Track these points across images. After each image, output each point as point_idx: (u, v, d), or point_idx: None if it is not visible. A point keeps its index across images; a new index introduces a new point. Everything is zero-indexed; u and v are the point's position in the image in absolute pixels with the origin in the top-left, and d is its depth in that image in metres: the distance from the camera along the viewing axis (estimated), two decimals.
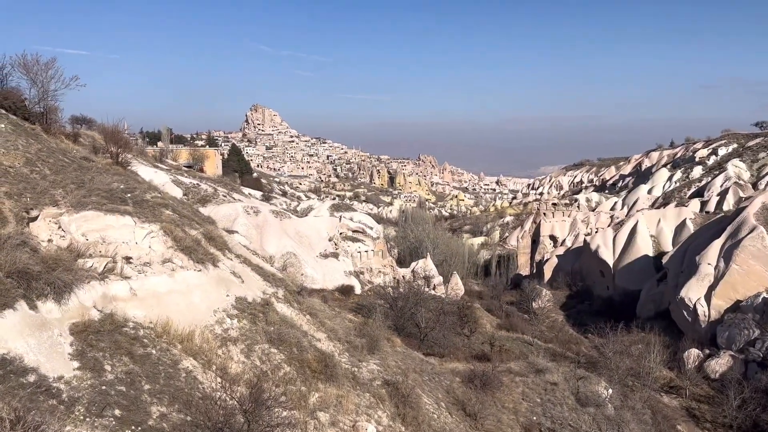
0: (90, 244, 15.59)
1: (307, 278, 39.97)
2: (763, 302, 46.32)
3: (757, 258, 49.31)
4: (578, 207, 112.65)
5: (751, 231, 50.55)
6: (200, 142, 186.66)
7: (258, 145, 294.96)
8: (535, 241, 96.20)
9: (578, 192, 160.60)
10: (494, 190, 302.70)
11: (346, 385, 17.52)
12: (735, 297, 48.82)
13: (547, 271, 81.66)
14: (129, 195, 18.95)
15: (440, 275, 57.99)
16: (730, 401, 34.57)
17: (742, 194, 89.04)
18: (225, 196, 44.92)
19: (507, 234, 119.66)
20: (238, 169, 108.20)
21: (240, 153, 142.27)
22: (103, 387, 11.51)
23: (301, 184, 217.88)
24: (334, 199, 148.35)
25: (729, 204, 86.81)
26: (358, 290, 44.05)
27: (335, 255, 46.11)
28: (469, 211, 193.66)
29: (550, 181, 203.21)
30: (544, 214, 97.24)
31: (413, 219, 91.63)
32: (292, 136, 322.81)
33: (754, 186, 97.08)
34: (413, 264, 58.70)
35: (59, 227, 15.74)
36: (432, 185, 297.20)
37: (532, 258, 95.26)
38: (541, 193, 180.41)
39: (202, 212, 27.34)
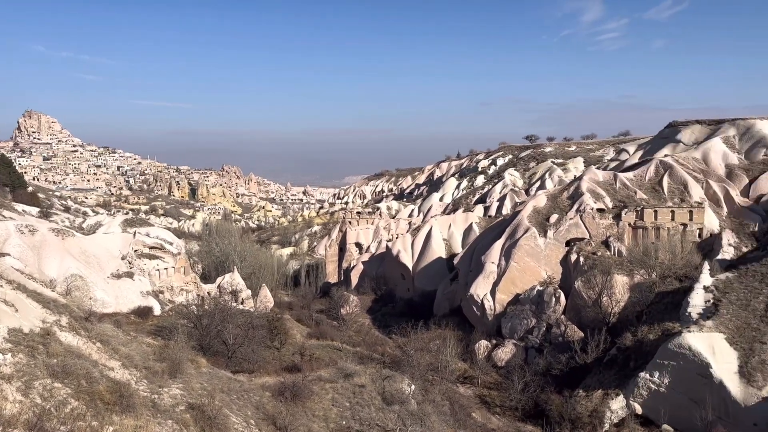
0: None
1: (97, 302, 36.64)
2: (538, 294, 53.01)
3: (531, 255, 56.30)
4: (380, 215, 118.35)
5: (525, 232, 57.57)
6: None
7: (34, 156, 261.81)
8: (342, 249, 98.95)
9: (380, 200, 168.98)
10: (301, 200, 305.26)
11: (145, 415, 16.43)
12: (515, 291, 55.17)
13: (354, 278, 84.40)
14: None
15: (249, 288, 56.70)
16: (515, 386, 38.93)
17: (517, 199, 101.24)
18: None
19: (315, 243, 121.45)
20: (8, 182, 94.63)
21: (11, 164, 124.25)
22: None
23: (87, 198, 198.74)
24: (127, 213, 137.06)
25: (507, 208, 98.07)
26: (157, 311, 41.35)
27: (130, 274, 42.73)
28: (277, 222, 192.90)
29: (354, 190, 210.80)
30: (350, 222, 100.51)
31: (218, 232, 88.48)
32: (75, 146, 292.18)
33: (527, 192, 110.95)
34: (219, 279, 56.64)
35: None
36: (238, 196, 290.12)
37: (339, 265, 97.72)
38: (347, 203, 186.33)
39: None
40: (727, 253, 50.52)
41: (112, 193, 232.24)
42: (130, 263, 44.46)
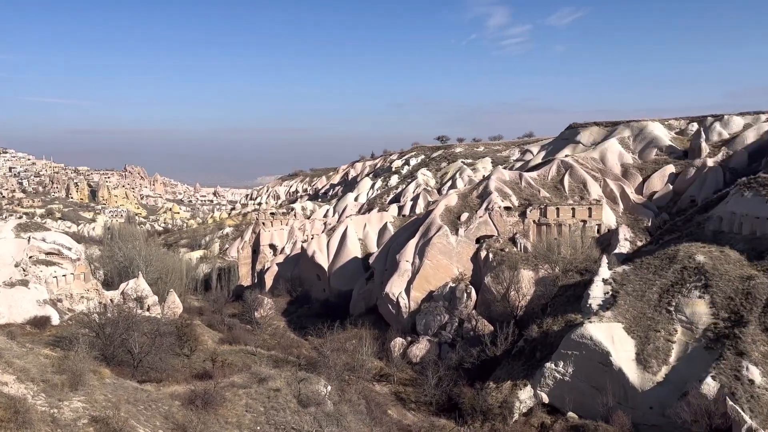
0: None
1: None
2: (450, 291, 54.37)
3: (444, 253, 57.68)
4: (295, 215, 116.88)
5: (438, 230, 58.92)
6: None
7: None
8: (256, 250, 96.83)
9: (294, 201, 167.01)
10: (212, 201, 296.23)
11: (44, 430, 15.65)
12: (429, 288, 56.32)
13: (268, 280, 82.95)
14: None
15: (155, 294, 54.39)
16: (429, 381, 39.75)
17: (430, 199, 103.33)
18: None
19: (227, 246, 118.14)
20: None
21: None
22: None
23: None
24: (20, 217, 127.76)
25: (420, 207, 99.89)
26: (55, 321, 38.94)
27: (24, 282, 39.99)
28: (185, 224, 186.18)
29: (267, 191, 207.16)
30: (263, 223, 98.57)
31: (121, 236, 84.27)
32: None
33: (439, 191, 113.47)
34: (123, 285, 53.98)
35: None
36: (142, 198, 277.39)
37: (253, 268, 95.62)
38: (260, 203, 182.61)
39: None
40: (623, 247, 54.08)
41: (4, 196, 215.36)
42: (24, 270, 41.55)
